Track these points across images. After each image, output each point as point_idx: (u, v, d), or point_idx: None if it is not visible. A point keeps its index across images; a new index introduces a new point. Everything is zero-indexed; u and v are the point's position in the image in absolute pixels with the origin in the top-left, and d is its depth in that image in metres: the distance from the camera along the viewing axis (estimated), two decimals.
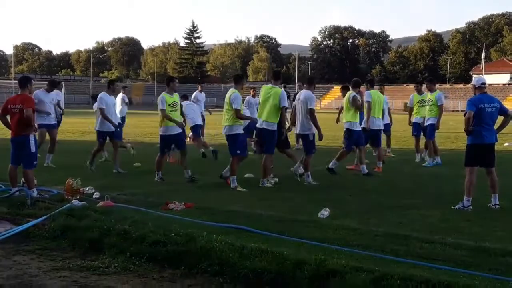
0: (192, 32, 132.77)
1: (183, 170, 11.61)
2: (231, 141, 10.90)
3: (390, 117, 16.68)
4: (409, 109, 15.75)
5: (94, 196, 9.26)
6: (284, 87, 14.45)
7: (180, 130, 11.67)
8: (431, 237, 6.85)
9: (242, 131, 11.01)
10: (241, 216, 7.92)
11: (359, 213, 8.42)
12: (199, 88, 21.50)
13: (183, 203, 8.68)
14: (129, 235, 6.45)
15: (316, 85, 16.18)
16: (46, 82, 14.81)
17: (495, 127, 9.01)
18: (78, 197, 8.94)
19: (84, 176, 10.15)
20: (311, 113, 11.11)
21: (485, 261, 5.88)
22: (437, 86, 15.76)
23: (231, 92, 10.83)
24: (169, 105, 11.44)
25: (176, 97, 11.83)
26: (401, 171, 12.77)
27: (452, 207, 8.81)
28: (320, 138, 11.20)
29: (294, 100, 12.76)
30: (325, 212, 8.10)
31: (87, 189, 9.62)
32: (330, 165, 12.26)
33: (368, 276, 5.11)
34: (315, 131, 11.25)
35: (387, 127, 15.87)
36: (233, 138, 10.86)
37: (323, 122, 12.71)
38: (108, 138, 13.13)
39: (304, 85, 12.21)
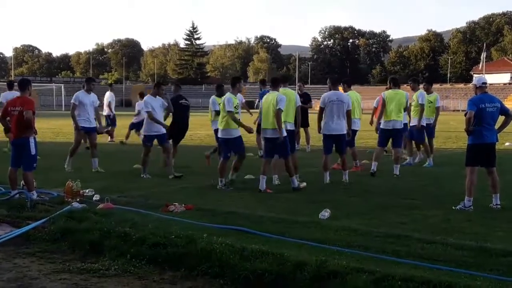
0: (192, 33, 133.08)
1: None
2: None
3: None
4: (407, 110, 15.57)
5: (94, 198, 9.24)
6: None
7: (239, 134, 11.21)
8: (432, 237, 6.83)
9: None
10: (241, 218, 7.90)
11: (359, 213, 8.40)
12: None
13: (183, 205, 8.66)
14: (129, 237, 6.44)
15: (316, 86, 15.98)
16: (84, 82, 14.21)
17: (496, 127, 8.99)
18: (78, 200, 8.92)
19: (83, 178, 10.14)
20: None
21: (486, 261, 5.86)
22: (438, 85, 15.78)
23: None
24: (234, 107, 11.04)
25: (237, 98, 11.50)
26: (401, 171, 12.72)
27: (453, 207, 8.79)
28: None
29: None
30: (325, 213, 8.09)
31: (87, 191, 9.59)
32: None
33: (369, 277, 5.09)
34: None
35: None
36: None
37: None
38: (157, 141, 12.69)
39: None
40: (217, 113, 12.32)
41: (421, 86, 15.44)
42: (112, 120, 21.85)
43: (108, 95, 21.86)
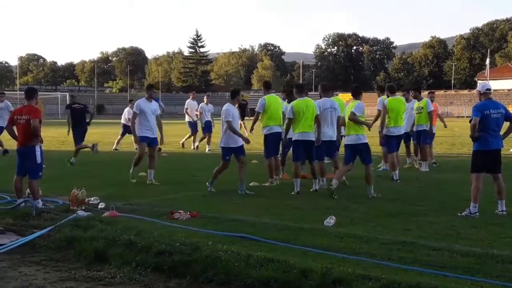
0: (196, 41, 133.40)
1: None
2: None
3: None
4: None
5: (99, 206, 9.25)
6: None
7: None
8: (438, 244, 6.81)
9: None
10: (246, 225, 7.90)
11: (364, 220, 8.39)
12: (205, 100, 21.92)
13: (188, 213, 8.66)
14: (134, 245, 6.45)
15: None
16: (146, 89, 13.39)
17: (501, 133, 8.98)
18: (83, 208, 8.94)
19: (89, 187, 10.15)
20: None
21: (493, 268, 5.84)
22: (442, 92, 15.81)
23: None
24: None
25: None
26: (406, 178, 12.72)
27: (458, 213, 8.76)
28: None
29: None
30: (331, 220, 8.08)
31: (92, 199, 9.61)
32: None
33: (375, 284, 5.09)
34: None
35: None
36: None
37: None
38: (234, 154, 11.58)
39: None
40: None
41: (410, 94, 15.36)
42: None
43: (126, 111, 22.01)
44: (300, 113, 11.17)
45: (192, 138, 21.96)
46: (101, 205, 9.29)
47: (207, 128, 21.17)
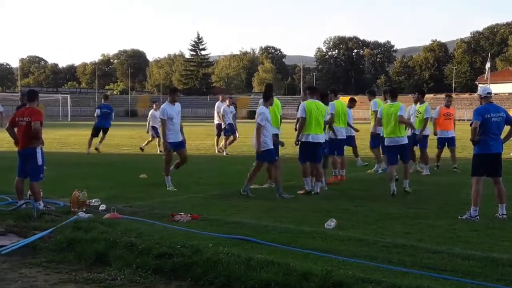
0: (197, 43, 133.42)
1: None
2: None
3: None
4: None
5: (100, 208, 9.26)
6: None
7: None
8: (438, 247, 6.82)
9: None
10: (247, 227, 7.91)
11: (365, 223, 8.40)
12: (227, 102, 21.74)
13: (189, 215, 8.67)
14: (135, 247, 6.46)
15: None
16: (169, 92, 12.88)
17: (502, 136, 8.99)
18: (84, 210, 8.95)
19: (90, 188, 10.17)
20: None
21: (493, 271, 5.85)
22: (443, 95, 15.83)
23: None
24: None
25: None
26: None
27: (459, 217, 8.77)
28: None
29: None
30: (331, 223, 8.08)
31: (93, 201, 9.63)
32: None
33: (375, 287, 5.09)
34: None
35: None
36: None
37: None
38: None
39: None
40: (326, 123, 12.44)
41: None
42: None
43: (152, 113, 21.97)
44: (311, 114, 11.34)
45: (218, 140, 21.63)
46: (102, 207, 9.30)
47: (229, 130, 20.99)
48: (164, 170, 12.05)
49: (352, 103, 14.69)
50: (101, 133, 21.39)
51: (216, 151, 21.12)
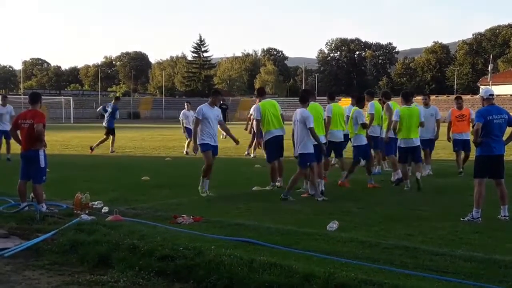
0: (200, 46, 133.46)
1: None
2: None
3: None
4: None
5: (103, 210, 9.27)
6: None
7: None
8: (441, 249, 6.82)
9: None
10: (249, 229, 7.91)
11: (367, 225, 8.39)
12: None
13: (191, 217, 8.69)
14: (137, 249, 6.46)
15: (323, 97, 16.01)
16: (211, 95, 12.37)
17: (504, 138, 8.99)
18: (87, 212, 8.97)
19: (92, 191, 10.18)
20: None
21: (495, 273, 5.85)
22: (444, 97, 15.78)
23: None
24: None
25: None
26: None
27: (461, 219, 8.77)
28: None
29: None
30: (333, 225, 8.09)
31: (96, 203, 9.64)
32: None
33: None
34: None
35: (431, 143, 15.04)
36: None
37: None
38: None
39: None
40: (363, 126, 12.75)
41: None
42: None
43: (182, 114, 21.90)
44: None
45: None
46: (105, 209, 9.31)
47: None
48: (203, 171, 11.60)
49: (360, 103, 14.04)
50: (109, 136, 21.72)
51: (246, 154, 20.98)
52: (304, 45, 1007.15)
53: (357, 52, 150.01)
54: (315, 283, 5.30)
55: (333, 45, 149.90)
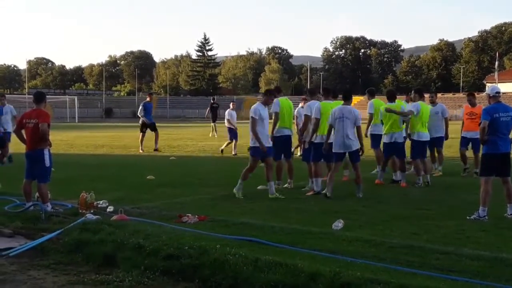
0: (204, 44, 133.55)
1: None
2: None
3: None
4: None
5: (108, 210, 9.27)
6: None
7: None
8: (447, 248, 6.79)
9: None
10: (254, 228, 7.90)
11: (373, 224, 8.37)
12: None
13: (196, 216, 8.68)
14: (143, 248, 6.46)
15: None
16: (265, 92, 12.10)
17: (511, 136, 8.94)
18: (92, 211, 8.97)
19: (97, 190, 10.18)
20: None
21: (502, 272, 5.83)
22: (450, 95, 15.61)
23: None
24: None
25: None
26: (414, 182, 12.66)
27: (467, 217, 8.73)
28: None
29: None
30: (339, 224, 8.06)
31: (101, 202, 9.63)
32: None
33: None
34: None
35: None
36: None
37: None
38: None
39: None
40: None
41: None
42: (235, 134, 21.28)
43: (228, 114, 21.81)
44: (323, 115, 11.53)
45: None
46: (110, 209, 9.31)
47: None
48: (242, 174, 11.23)
49: (392, 98, 13.46)
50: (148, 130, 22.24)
51: None
52: (309, 43, 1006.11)
53: (362, 50, 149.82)
54: (321, 282, 5.29)
55: (338, 43, 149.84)
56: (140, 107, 22.69)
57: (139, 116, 22.90)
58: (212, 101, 34.34)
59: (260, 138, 10.96)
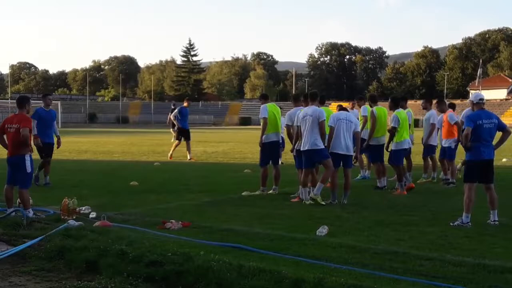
0: (189, 50, 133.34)
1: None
2: None
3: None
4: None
5: (90, 216, 9.18)
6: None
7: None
8: (430, 254, 6.82)
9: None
10: (238, 235, 7.88)
11: (357, 230, 8.38)
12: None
13: (180, 222, 8.63)
14: (126, 255, 6.40)
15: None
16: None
17: (494, 142, 9.00)
18: (74, 217, 8.88)
19: (80, 196, 10.10)
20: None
21: (484, 278, 5.85)
22: (434, 101, 15.58)
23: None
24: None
25: None
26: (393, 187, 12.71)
27: (451, 223, 8.77)
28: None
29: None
30: (323, 230, 8.06)
31: (83, 209, 9.56)
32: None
33: None
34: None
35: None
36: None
37: None
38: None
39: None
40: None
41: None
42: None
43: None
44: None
45: None
46: (93, 215, 9.22)
47: None
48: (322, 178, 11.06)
49: (375, 102, 13.94)
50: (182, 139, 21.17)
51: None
52: (294, 50, 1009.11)
53: (347, 57, 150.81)
54: None
55: (323, 49, 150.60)
56: (176, 112, 21.41)
57: (173, 121, 21.92)
58: (172, 107, 34.77)
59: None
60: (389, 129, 12.69)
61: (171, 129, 32.68)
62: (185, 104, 21.75)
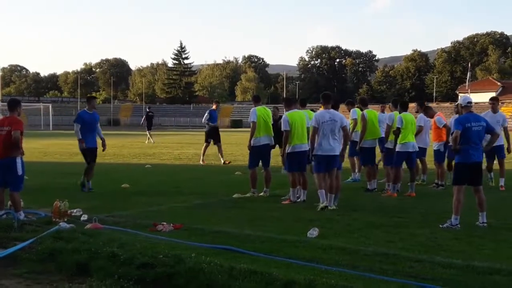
0: (180, 52, 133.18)
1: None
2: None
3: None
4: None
5: (82, 218, 9.18)
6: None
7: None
8: (420, 255, 6.86)
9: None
10: (229, 237, 7.89)
11: (347, 232, 8.42)
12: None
13: (171, 224, 8.64)
14: (117, 257, 6.40)
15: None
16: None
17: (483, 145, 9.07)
18: (65, 220, 8.87)
19: (71, 198, 10.08)
20: None
21: (473, 279, 5.90)
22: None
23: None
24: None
25: None
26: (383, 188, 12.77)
27: (440, 225, 8.83)
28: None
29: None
30: (314, 232, 8.09)
31: (74, 211, 9.54)
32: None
33: None
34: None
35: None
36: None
37: None
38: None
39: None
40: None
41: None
42: None
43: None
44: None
45: None
46: (84, 217, 9.22)
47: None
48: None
49: (365, 105, 14.25)
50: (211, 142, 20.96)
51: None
52: (285, 53, 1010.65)
53: (338, 60, 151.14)
54: None
55: (313, 52, 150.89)
56: (206, 114, 21.41)
57: (205, 124, 21.72)
58: (147, 110, 35.74)
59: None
60: (394, 130, 12.70)
61: (147, 132, 33.35)
62: (213, 106, 21.77)
